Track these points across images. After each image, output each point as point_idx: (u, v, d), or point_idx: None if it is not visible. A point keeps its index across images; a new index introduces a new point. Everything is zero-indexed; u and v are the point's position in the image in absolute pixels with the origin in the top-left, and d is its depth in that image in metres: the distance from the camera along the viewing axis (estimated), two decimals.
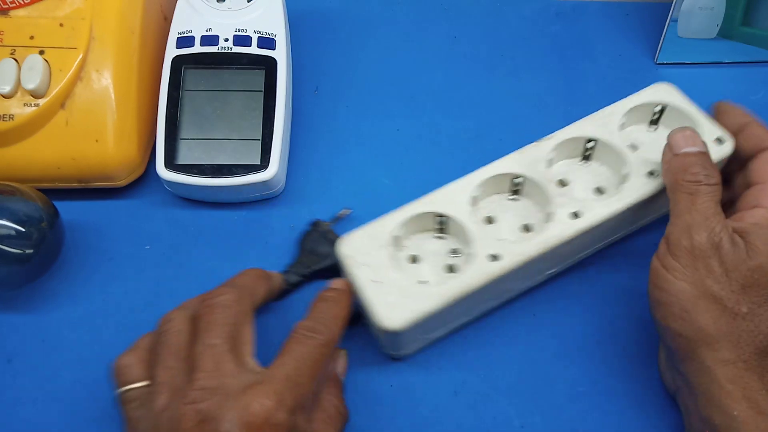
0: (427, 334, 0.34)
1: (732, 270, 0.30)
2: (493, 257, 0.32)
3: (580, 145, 0.37)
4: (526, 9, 0.54)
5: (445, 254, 0.35)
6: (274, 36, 0.42)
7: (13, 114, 0.38)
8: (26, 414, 0.34)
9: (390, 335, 0.31)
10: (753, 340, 0.29)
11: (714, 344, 0.29)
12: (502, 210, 0.36)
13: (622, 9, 0.54)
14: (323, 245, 0.38)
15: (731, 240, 0.30)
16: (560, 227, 0.33)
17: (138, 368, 0.29)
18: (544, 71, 0.50)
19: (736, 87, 0.49)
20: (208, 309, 0.30)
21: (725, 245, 0.30)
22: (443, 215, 0.34)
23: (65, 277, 0.38)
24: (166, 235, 0.40)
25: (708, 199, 0.31)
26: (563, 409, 0.35)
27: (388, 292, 0.31)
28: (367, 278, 0.32)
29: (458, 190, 0.35)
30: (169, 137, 0.39)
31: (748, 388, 0.29)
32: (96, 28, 0.39)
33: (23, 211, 0.35)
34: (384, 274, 0.32)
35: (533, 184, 0.35)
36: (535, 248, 0.33)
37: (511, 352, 0.36)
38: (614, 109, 0.37)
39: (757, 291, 0.30)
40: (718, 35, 0.49)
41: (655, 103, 0.38)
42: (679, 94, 0.38)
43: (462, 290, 0.31)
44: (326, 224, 0.40)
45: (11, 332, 0.36)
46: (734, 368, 0.29)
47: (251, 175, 0.39)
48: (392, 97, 0.48)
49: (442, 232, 0.35)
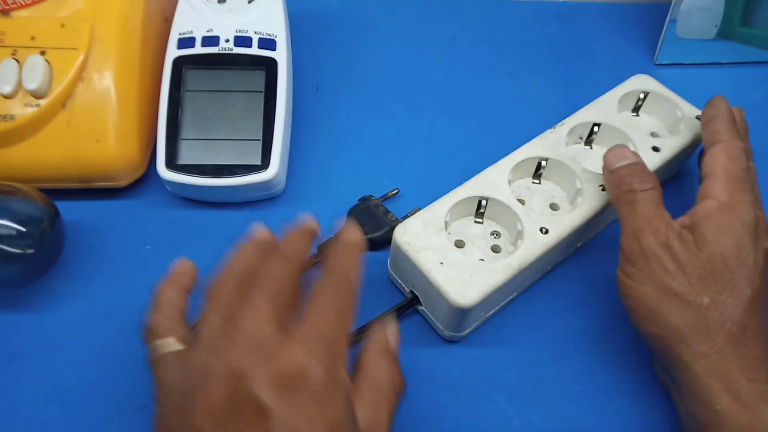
0: (486, 312, 0.36)
1: (686, 265, 0.31)
2: (544, 230, 0.35)
3: (586, 130, 0.41)
4: (525, 10, 0.54)
5: (488, 236, 0.37)
6: (274, 37, 0.42)
7: (15, 114, 0.38)
8: (27, 413, 0.34)
9: (460, 313, 0.33)
10: (722, 328, 0.30)
11: (687, 340, 0.30)
12: (529, 192, 0.39)
13: (620, 10, 0.54)
14: (371, 217, 0.40)
15: (679, 237, 0.31)
16: (593, 199, 0.37)
17: (175, 326, 0.28)
18: (543, 72, 0.50)
19: (735, 87, 0.49)
20: (258, 276, 0.28)
21: (674, 243, 0.31)
22: (487, 198, 0.37)
23: (66, 276, 0.38)
24: (166, 235, 0.40)
25: (646, 204, 0.32)
26: (562, 407, 0.35)
27: (457, 272, 0.33)
28: (434, 262, 0.34)
29: (496, 174, 0.38)
30: (170, 137, 0.39)
31: (727, 380, 0.29)
32: (97, 28, 0.39)
33: (24, 211, 0.35)
34: (448, 255, 0.34)
35: (558, 165, 0.39)
36: (578, 218, 0.36)
37: (510, 351, 0.36)
38: (608, 98, 0.42)
39: (714, 280, 0.30)
40: (717, 36, 0.49)
41: (639, 91, 0.42)
42: (657, 83, 0.43)
43: (523, 262, 0.34)
44: (376, 199, 0.41)
45: (12, 332, 0.36)
46: (711, 361, 0.29)
47: (252, 176, 0.39)
48: (392, 98, 0.48)
49: (480, 216, 0.38)
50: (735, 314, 0.30)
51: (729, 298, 0.30)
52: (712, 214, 0.32)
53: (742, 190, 0.33)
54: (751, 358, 0.29)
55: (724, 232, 0.31)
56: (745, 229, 0.31)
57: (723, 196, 0.32)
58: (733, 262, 0.31)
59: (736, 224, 0.31)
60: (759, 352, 0.30)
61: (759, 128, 0.47)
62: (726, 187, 0.33)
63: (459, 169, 0.41)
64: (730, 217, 0.32)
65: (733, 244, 0.31)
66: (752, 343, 0.30)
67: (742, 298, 0.30)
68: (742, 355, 0.29)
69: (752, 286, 0.30)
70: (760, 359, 0.29)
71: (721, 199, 0.32)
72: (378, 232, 0.39)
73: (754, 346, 0.30)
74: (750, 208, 0.32)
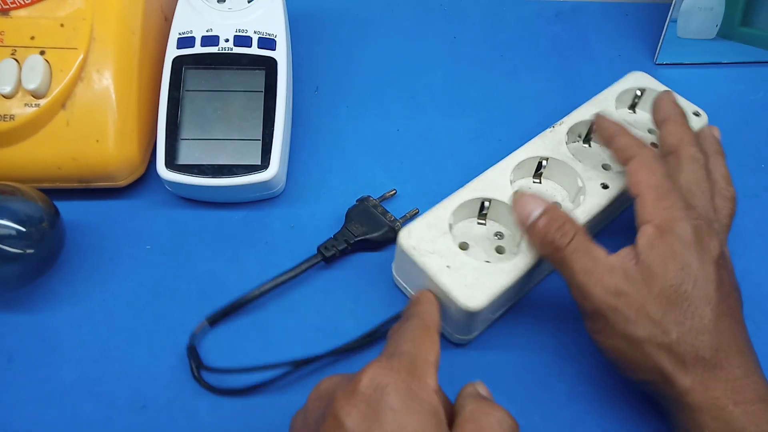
0: (494, 313, 0.36)
1: (643, 306, 0.30)
2: None
3: (585, 128, 0.41)
4: (526, 9, 0.54)
5: (492, 237, 0.37)
6: (274, 36, 0.42)
7: (14, 114, 0.38)
8: (26, 413, 0.34)
9: (469, 316, 0.33)
10: (696, 358, 0.29)
11: (670, 379, 0.29)
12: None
13: (621, 9, 0.54)
14: (370, 217, 0.40)
15: (626, 278, 0.30)
16: (595, 197, 0.37)
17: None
18: (543, 71, 0.50)
19: (736, 87, 0.49)
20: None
21: (624, 287, 0.30)
22: (490, 199, 0.36)
23: (66, 277, 0.38)
24: (166, 235, 0.40)
25: (578, 257, 0.31)
26: (563, 409, 0.35)
27: (463, 274, 0.33)
28: (440, 265, 0.33)
29: (498, 174, 0.37)
30: (169, 137, 0.39)
31: (715, 409, 0.28)
32: (97, 28, 0.39)
33: (24, 211, 0.35)
34: (454, 259, 0.33)
35: (559, 165, 0.38)
36: (582, 216, 0.36)
37: (511, 353, 0.36)
38: (606, 95, 0.42)
39: (674, 312, 0.29)
40: (718, 35, 0.49)
41: (636, 88, 0.42)
42: (653, 80, 0.43)
43: (529, 262, 0.34)
44: (374, 200, 0.41)
45: (12, 332, 0.36)
46: (696, 394, 0.29)
47: (252, 175, 0.39)
48: (392, 97, 0.48)
49: (483, 218, 0.37)
50: (703, 340, 0.29)
51: (693, 325, 0.29)
52: (652, 243, 0.31)
53: (672, 204, 0.31)
54: (732, 379, 0.29)
55: (668, 259, 0.30)
56: (688, 248, 0.30)
57: (656, 218, 0.31)
58: (686, 288, 0.29)
59: (677, 246, 0.30)
60: (739, 369, 0.29)
61: (760, 128, 0.48)
62: (655, 205, 0.32)
63: (459, 169, 0.41)
64: (669, 240, 0.30)
65: (679, 270, 0.30)
66: (730, 362, 0.29)
67: (704, 321, 0.29)
68: (723, 379, 0.29)
69: (710, 304, 0.29)
70: (742, 377, 0.29)
71: (655, 222, 0.31)
72: (377, 232, 0.39)
73: (732, 364, 0.29)
74: (685, 220, 0.31)
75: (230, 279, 0.38)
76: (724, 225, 0.34)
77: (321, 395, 0.27)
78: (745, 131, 0.47)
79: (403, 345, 0.28)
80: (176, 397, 0.34)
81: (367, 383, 0.25)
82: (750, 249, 0.41)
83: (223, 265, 0.39)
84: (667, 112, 0.37)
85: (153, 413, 0.34)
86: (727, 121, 0.47)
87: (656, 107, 0.38)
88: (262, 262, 0.39)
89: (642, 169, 0.33)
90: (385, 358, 0.26)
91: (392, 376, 0.25)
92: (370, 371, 0.25)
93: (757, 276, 0.40)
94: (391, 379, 0.25)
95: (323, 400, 0.26)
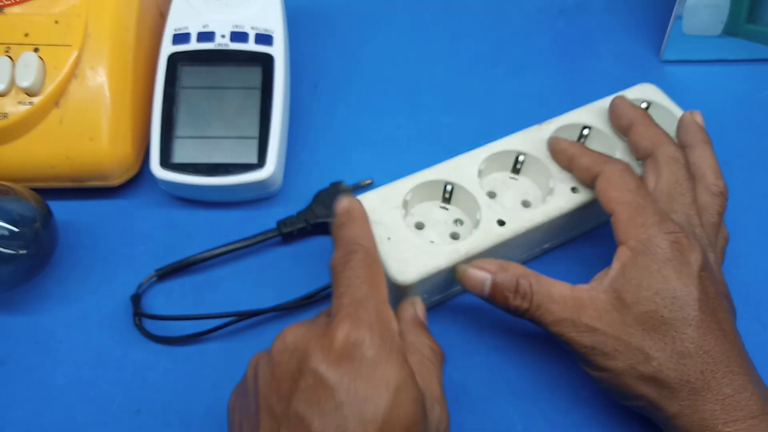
0: (432, 295, 0.36)
1: (619, 337, 0.29)
2: (501, 222, 0.34)
3: (576, 132, 0.39)
4: (529, 5, 0.53)
5: (450, 223, 0.37)
6: (271, 32, 0.41)
7: (7, 112, 0.37)
8: (20, 416, 0.33)
9: (400, 290, 0.33)
10: (681, 383, 0.28)
11: (659, 406, 0.29)
12: (504, 187, 0.38)
13: (626, 5, 0.54)
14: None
15: (597, 313, 0.30)
16: (562, 199, 0.36)
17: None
18: (547, 68, 0.49)
19: (741, 84, 0.49)
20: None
21: (595, 324, 0.29)
22: (452, 183, 0.36)
23: (59, 277, 0.38)
24: (161, 235, 0.40)
25: (543, 311, 0.30)
26: (567, 412, 0.34)
27: (402, 249, 0.33)
28: (382, 236, 0.33)
29: (466, 162, 0.37)
30: (164, 135, 0.39)
31: (706, 429, 0.28)
32: (91, 25, 0.39)
33: (16, 211, 0.35)
34: (398, 233, 0.34)
35: (535, 162, 0.37)
36: (540, 216, 0.35)
37: (513, 355, 0.36)
38: (606, 102, 0.40)
39: (653, 337, 0.29)
40: (723, 32, 0.48)
41: (642, 99, 0.40)
42: (663, 94, 0.40)
43: (471, 249, 0.33)
44: (346, 186, 0.41)
45: (4, 333, 0.36)
46: (685, 417, 0.28)
47: (248, 174, 0.38)
48: (392, 94, 0.47)
49: (447, 202, 0.37)
50: (687, 364, 0.28)
51: (675, 349, 0.28)
52: (624, 268, 0.30)
53: (645, 220, 0.30)
54: (722, 398, 0.28)
55: (641, 285, 0.29)
56: (665, 267, 0.29)
57: (631, 239, 0.30)
58: (663, 313, 0.29)
59: (653, 267, 0.29)
60: (729, 387, 0.28)
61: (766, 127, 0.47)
62: (629, 223, 0.31)
63: None
64: (644, 262, 0.29)
65: (653, 294, 0.29)
66: (718, 381, 0.28)
67: (686, 344, 0.28)
68: (712, 400, 0.28)
69: (692, 325, 0.28)
70: (732, 395, 0.28)
71: (629, 244, 0.30)
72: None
73: (721, 384, 0.28)
74: (660, 237, 0.30)
75: (226, 280, 0.38)
76: (712, 224, 0.33)
77: (289, 347, 0.26)
78: (751, 129, 0.46)
79: (360, 288, 0.27)
80: (173, 402, 0.34)
81: (343, 339, 0.25)
82: (757, 250, 0.40)
83: (219, 266, 0.38)
84: (629, 116, 0.36)
85: (146, 417, 0.33)
86: (733, 118, 0.46)
87: (614, 114, 0.37)
88: (260, 262, 0.39)
89: (610, 186, 0.32)
90: (353, 309, 0.26)
91: (366, 330, 0.26)
92: (344, 327, 0.26)
93: (764, 277, 0.39)
94: (366, 334, 0.26)
95: (294, 354, 0.26)
